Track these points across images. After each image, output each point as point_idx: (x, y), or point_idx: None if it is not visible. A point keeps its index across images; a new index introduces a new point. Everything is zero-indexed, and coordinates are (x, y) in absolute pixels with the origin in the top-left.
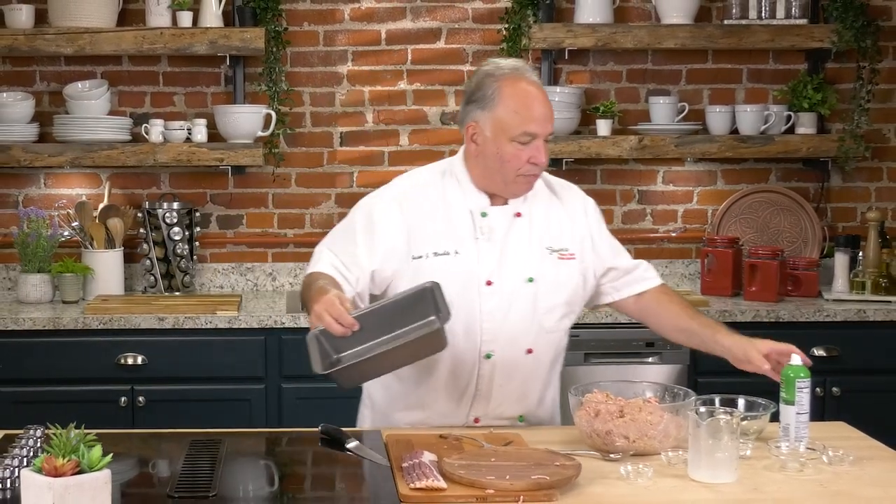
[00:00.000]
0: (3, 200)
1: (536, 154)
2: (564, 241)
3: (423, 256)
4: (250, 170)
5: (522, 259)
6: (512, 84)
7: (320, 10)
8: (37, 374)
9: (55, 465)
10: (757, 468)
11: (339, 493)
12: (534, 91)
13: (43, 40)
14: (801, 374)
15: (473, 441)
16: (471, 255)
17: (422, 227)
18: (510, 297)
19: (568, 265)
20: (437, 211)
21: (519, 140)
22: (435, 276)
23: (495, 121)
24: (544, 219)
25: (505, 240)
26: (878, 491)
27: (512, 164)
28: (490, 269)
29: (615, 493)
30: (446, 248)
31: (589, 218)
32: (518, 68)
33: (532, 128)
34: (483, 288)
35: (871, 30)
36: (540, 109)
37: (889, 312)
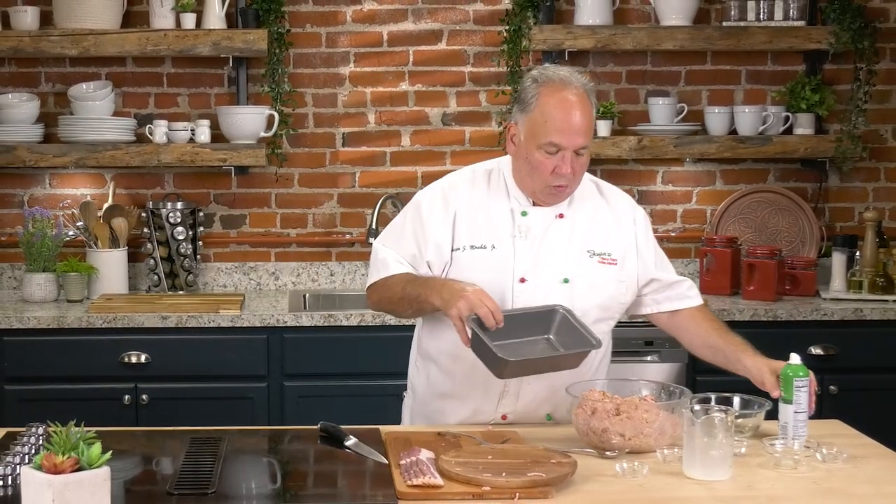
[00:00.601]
0: (8, 200)
1: (561, 165)
2: (608, 245)
3: (460, 249)
4: (253, 170)
5: (559, 259)
6: (550, 93)
7: (322, 11)
8: (41, 373)
9: (55, 463)
10: (751, 466)
11: (337, 490)
12: (569, 103)
13: (48, 42)
14: (800, 374)
15: (471, 439)
16: (507, 252)
17: (463, 220)
18: (544, 296)
19: (607, 270)
20: (479, 206)
21: (545, 149)
22: (470, 269)
23: (529, 126)
24: (589, 222)
25: (543, 239)
26: (871, 488)
27: (539, 172)
28: (525, 266)
29: (610, 491)
30: (483, 243)
31: (637, 226)
32: (564, 79)
33: (557, 138)
34: (517, 285)
35: (868, 31)
36: (569, 121)
37: (886, 311)
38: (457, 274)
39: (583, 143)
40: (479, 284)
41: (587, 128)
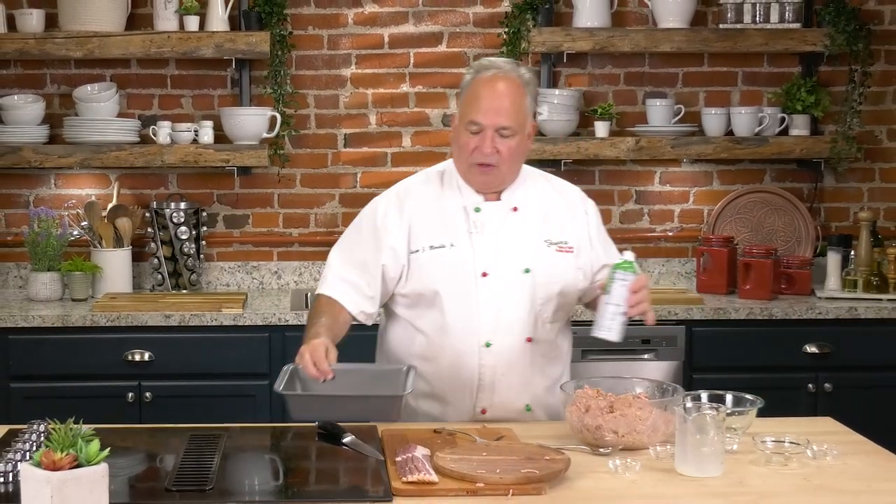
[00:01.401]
0: (14, 200)
1: (482, 144)
2: (564, 234)
3: (419, 250)
4: (256, 170)
5: (518, 251)
6: (480, 78)
7: (324, 14)
8: (46, 371)
9: (53, 459)
10: (743, 462)
11: (333, 486)
12: (494, 86)
13: (53, 44)
14: (623, 267)
15: (466, 436)
16: (465, 248)
17: (419, 223)
18: (507, 288)
19: (565, 257)
20: (433, 207)
21: (469, 128)
22: (432, 269)
23: (460, 110)
24: (543, 212)
25: (500, 233)
26: (861, 484)
27: (464, 151)
28: (485, 260)
29: (603, 487)
30: (442, 242)
31: (589, 217)
32: (497, 67)
33: (477, 117)
34: (479, 279)
35: (862, 34)
36: (490, 101)
37: (880, 310)
38: (420, 275)
39: (504, 122)
40: (443, 282)
41: (510, 110)
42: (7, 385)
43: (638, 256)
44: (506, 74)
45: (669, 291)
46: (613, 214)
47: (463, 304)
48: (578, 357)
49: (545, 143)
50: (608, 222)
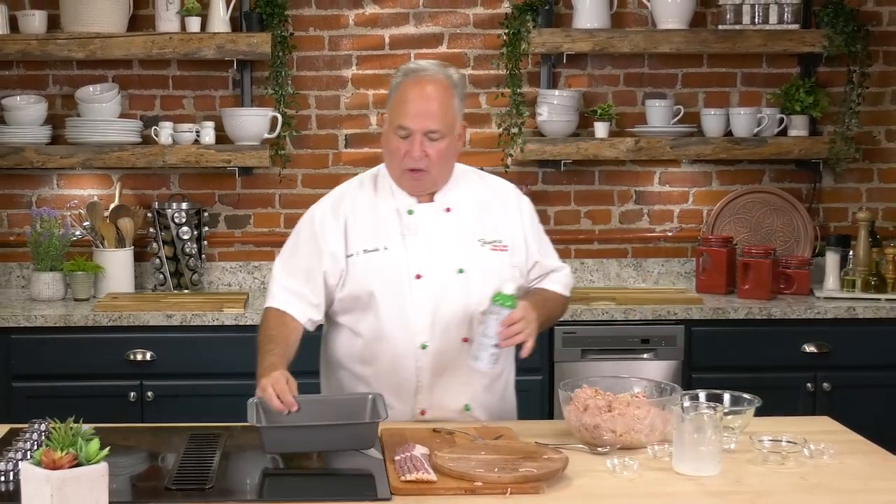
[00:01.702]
0: (16, 201)
1: (411, 149)
2: (497, 233)
3: (354, 254)
4: (257, 171)
5: (452, 252)
6: (407, 81)
7: (325, 15)
8: (49, 370)
9: (53, 458)
10: (740, 461)
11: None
12: (421, 89)
13: (55, 45)
14: (498, 301)
15: (465, 435)
16: (399, 251)
17: (354, 227)
18: (441, 289)
19: (500, 256)
20: (367, 210)
21: (398, 133)
22: (366, 272)
23: (389, 114)
24: (477, 212)
25: (434, 234)
26: (858, 483)
27: (394, 157)
28: (419, 262)
29: (601, 486)
30: (376, 245)
31: (523, 215)
32: (424, 69)
33: (405, 122)
34: (413, 281)
35: (861, 35)
36: (416, 105)
37: (878, 310)
38: (355, 279)
39: (432, 126)
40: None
41: (438, 113)
42: (9, 384)
43: (636, 256)
44: (433, 77)
45: (669, 291)
46: (613, 215)
47: (398, 307)
48: (578, 357)
49: (545, 143)
50: (608, 222)
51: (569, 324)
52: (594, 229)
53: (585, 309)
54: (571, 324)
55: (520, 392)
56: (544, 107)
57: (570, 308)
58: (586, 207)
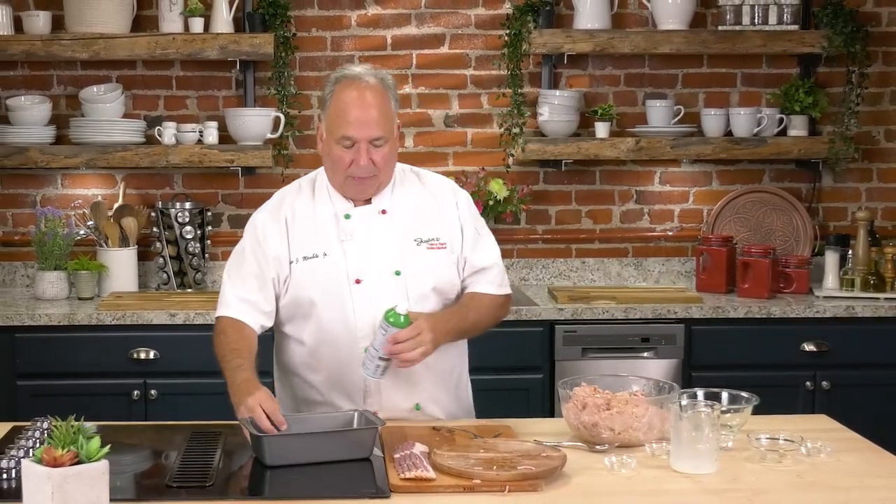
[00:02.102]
0: (21, 200)
1: (358, 157)
2: (434, 230)
3: (295, 261)
4: (260, 171)
5: (388, 254)
6: (343, 89)
7: (328, 16)
8: (53, 369)
9: (54, 456)
10: (738, 459)
11: (332, 482)
12: (357, 96)
13: (59, 46)
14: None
15: (464, 433)
16: (338, 257)
17: (293, 233)
18: (380, 292)
19: (438, 254)
20: (306, 216)
21: (341, 143)
22: (307, 280)
23: (327, 123)
24: (413, 211)
25: (370, 238)
26: (854, 481)
27: (339, 166)
28: (358, 267)
29: (599, 484)
30: (315, 252)
31: (460, 210)
32: (357, 75)
33: (349, 131)
34: (353, 286)
35: (860, 35)
36: (357, 114)
37: (877, 309)
38: (296, 287)
39: (376, 134)
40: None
41: (379, 120)
42: (14, 383)
43: (637, 256)
44: (368, 83)
45: (669, 290)
46: (614, 214)
47: (339, 313)
48: (578, 355)
49: (546, 143)
50: (608, 222)
51: (569, 322)
52: (595, 229)
53: (586, 308)
54: (572, 322)
55: (520, 390)
56: (545, 107)
57: (570, 307)
58: (587, 207)
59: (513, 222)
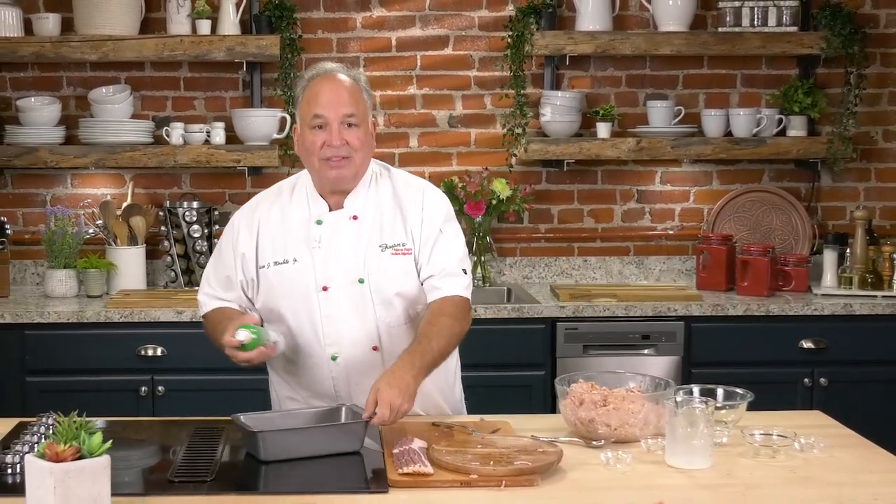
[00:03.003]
0: (31, 200)
1: (330, 137)
2: (398, 235)
3: (265, 266)
4: (267, 170)
5: (353, 261)
6: (313, 81)
7: (333, 18)
8: (62, 365)
9: (56, 451)
10: (732, 455)
11: (331, 477)
12: (329, 83)
13: (69, 47)
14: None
15: (463, 429)
16: (307, 263)
17: (266, 237)
18: (345, 300)
19: (403, 260)
20: (280, 221)
21: (314, 125)
22: (277, 286)
23: (300, 115)
24: (380, 217)
25: (338, 245)
26: (846, 476)
27: (313, 151)
28: (325, 275)
29: (594, 479)
30: (286, 257)
31: (425, 213)
32: (328, 70)
33: (319, 110)
34: (320, 294)
35: (858, 37)
36: (327, 95)
37: (874, 306)
38: (268, 292)
39: (347, 110)
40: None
41: (349, 100)
42: (24, 379)
43: (638, 254)
44: (339, 75)
45: (669, 288)
46: (615, 213)
47: (307, 320)
48: (580, 352)
49: (548, 143)
50: (610, 221)
51: (571, 320)
52: (597, 227)
53: (587, 305)
54: (573, 320)
55: (523, 387)
56: (548, 108)
57: (571, 305)
58: (589, 206)
59: (516, 221)
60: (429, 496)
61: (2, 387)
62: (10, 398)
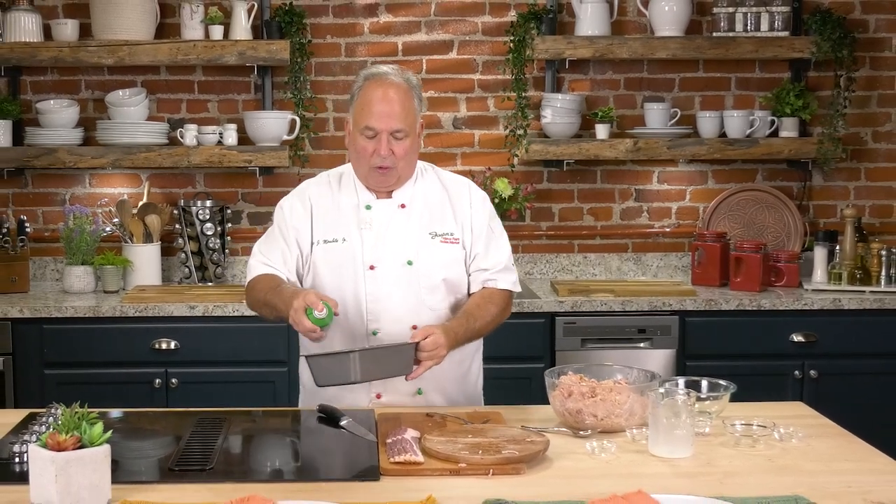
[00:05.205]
0: (51, 199)
1: (378, 147)
2: (447, 226)
3: (317, 243)
4: (277, 170)
5: (402, 244)
6: (369, 84)
7: (342, 23)
8: (79, 358)
9: (58, 441)
10: (713, 444)
11: (326, 466)
12: (382, 92)
13: (86, 52)
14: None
15: (456, 419)
16: (355, 243)
17: (318, 217)
18: (392, 279)
19: (451, 248)
20: (330, 204)
21: (364, 134)
22: (325, 262)
23: (353, 116)
24: (429, 207)
25: (387, 228)
26: (821, 465)
27: (362, 156)
28: (373, 254)
29: (579, 467)
30: (335, 237)
31: (473, 209)
32: (384, 73)
33: (371, 122)
34: (367, 272)
35: (847, 41)
36: (380, 107)
37: (862, 301)
38: (315, 267)
39: (396, 126)
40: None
41: (400, 113)
42: (42, 371)
43: (636, 251)
44: (393, 80)
45: (665, 284)
46: (614, 212)
47: (352, 296)
48: (578, 346)
49: (549, 144)
50: (609, 219)
51: (569, 314)
52: (596, 225)
53: (585, 300)
54: (572, 314)
55: (524, 379)
56: (548, 110)
57: (570, 300)
58: (589, 205)
59: (518, 219)
60: (419, 484)
61: (21, 379)
62: (29, 390)
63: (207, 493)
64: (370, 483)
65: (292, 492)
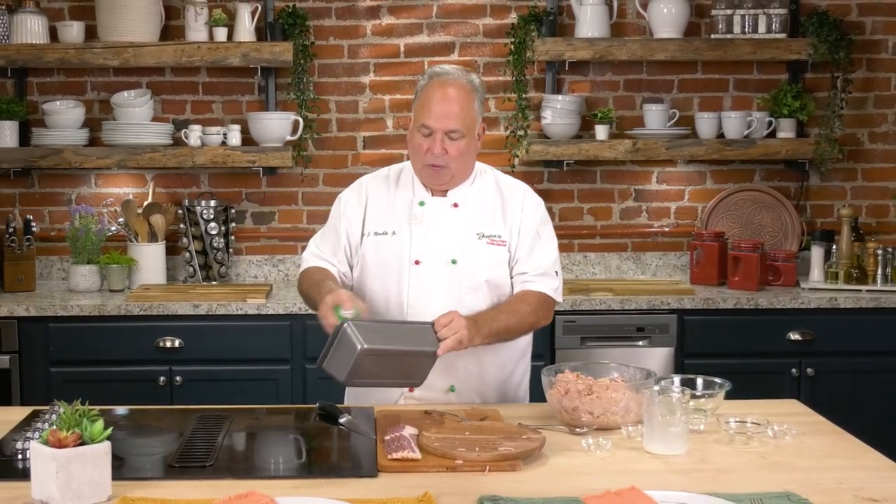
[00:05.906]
0: (57, 199)
1: (433, 146)
2: (496, 228)
3: (366, 235)
4: (281, 171)
5: (449, 243)
6: (432, 84)
7: (345, 25)
8: (84, 356)
9: (59, 438)
10: (708, 441)
11: (324, 463)
12: (444, 91)
13: (92, 54)
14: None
15: (454, 416)
16: (404, 237)
17: (372, 209)
18: (435, 276)
19: (497, 250)
20: (386, 198)
21: (421, 131)
22: (373, 253)
23: (414, 113)
24: (481, 208)
25: (437, 226)
26: (813, 462)
27: (417, 152)
28: (419, 250)
29: (575, 464)
30: (385, 229)
31: (524, 213)
32: (447, 73)
33: (428, 121)
34: (412, 267)
35: (844, 43)
36: (438, 107)
37: (859, 300)
38: (364, 257)
39: (452, 126)
40: (381, 266)
41: (458, 114)
42: (48, 369)
43: (636, 251)
44: (455, 80)
45: (663, 283)
46: (614, 211)
47: (395, 290)
48: (578, 344)
49: (549, 144)
50: (608, 219)
51: (569, 313)
52: (596, 225)
53: (585, 299)
54: (571, 313)
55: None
56: (548, 111)
57: (570, 298)
58: (588, 205)
59: None
60: (415, 480)
61: (27, 377)
62: (35, 388)
63: (207, 489)
64: (368, 479)
65: (291, 488)
